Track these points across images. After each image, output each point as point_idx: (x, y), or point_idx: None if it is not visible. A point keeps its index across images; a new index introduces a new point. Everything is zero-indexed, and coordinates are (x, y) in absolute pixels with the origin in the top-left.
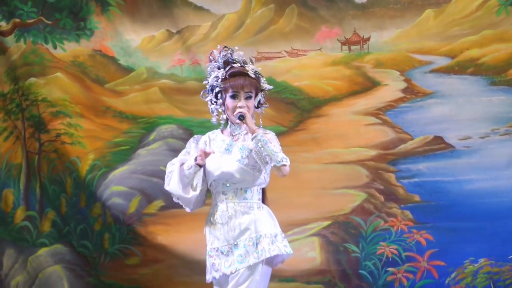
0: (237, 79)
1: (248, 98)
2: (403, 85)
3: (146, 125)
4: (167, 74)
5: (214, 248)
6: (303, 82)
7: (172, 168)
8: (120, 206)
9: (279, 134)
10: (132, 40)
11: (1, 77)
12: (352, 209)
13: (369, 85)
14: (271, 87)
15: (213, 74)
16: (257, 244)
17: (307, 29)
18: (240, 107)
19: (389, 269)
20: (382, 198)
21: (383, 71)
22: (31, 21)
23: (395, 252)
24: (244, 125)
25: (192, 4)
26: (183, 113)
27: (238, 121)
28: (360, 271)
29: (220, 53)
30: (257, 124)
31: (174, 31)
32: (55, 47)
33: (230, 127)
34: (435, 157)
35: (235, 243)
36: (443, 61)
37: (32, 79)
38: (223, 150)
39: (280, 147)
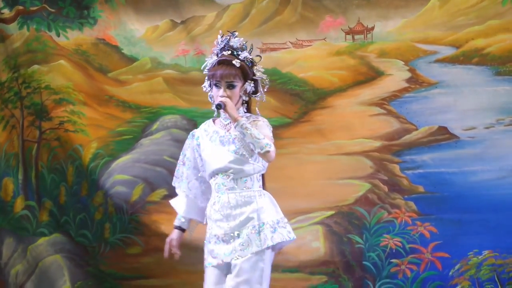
0: (219, 68)
1: (230, 87)
2: (408, 75)
3: (149, 115)
4: (171, 64)
5: (215, 235)
6: (308, 73)
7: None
8: (123, 195)
9: (284, 126)
10: (136, 29)
11: None
12: (356, 200)
13: (373, 75)
14: (264, 76)
15: (207, 61)
16: (259, 232)
17: (311, 19)
18: (221, 96)
19: (392, 260)
20: (386, 188)
21: (387, 60)
22: (35, 8)
23: (399, 244)
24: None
25: None
26: (186, 104)
27: (216, 110)
28: (364, 262)
29: (221, 38)
30: (253, 112)
31: (179, 21)
32: (58, 35)
33: (221, 116)
34: (440, 148)
35: (238, 232)
36: (448, 51)
37: (35, 67)
38: (217, 142)
39: (270, 133)
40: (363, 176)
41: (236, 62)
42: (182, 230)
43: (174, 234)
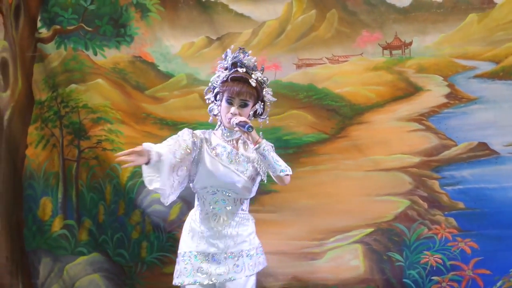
0: (235, 84)
1: (243, 106)
2: (447, 90)
3: None
4: (207, 80)
5: (203, 252)
6: (344, 88)
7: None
8: (161, 213)
9: (320, 142)
10: (171, 46)
11: (39, 85)
12: (395, 216)
13: (412, 90)
14: (274, 99)
15: (217, 74)
16: (251, 256)
17: (347, 34)
18: (232, 113)
19: (433, 277)
20: (425, 205)
21: (426, 76)
22: (72, 27)
23: (440, 261)
24: (237, 130)
25: (232, 11)
26: None
27: (237, 128)
28: (404, 280)
29: (232, 54)
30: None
31: (214, 37)
32: (95, 54)
33: (222, 131)
34: (480, 164)
35: (232, 253)
36: (487, 66)
37: (73, 86)
38: (224, 158)
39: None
40: (402, 193)
41: (253, 82)
42: (148, 157)
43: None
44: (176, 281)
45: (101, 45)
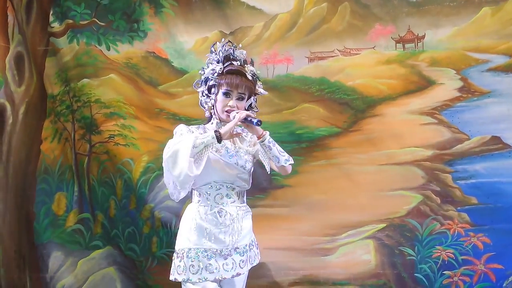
0: (233, 77)
1: (240, 98)
2: (460, 84)
3: None
4: None
5: (210, 249)
6: (356, 81)
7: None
8: (173, 209)
9: (333, 135)
10: (185, 42)
11: (51, 79)
12: (408, 212)
13: (424, 84)
14: (265, 92)
15: (211, 67)
16: (250, 249)
17: (360, 27)
18: (231, 106)
19: (445, 272)
20: (438, 200)
21: (439, 69)
22: (84, 22)
23: (452, 255)
24: (240, 125)
25: (244, 3)
26: None
27: (239, 122)
28: (416, 274)
29: (222, 47)
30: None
31: (227, 32)
32: (108, 49)
33: (218, 125)
34: (493, 158)
35: (236, 246)
36: (500, 60)
37: (85, 80)
38: (224, 153)
39: None
40: (415, 187)
41: (249, 75)
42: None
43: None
44: (178, 277)
45: (114, 40)
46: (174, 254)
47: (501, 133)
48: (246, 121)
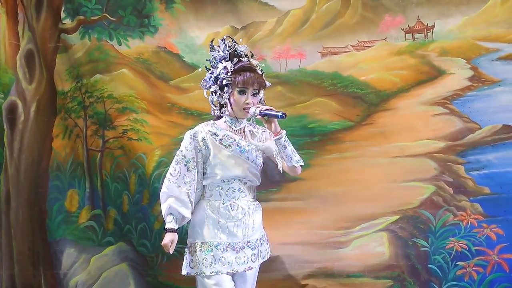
0: (247, 74)
1: (254, 94)
2: (470, 73)
3: None
4: None
5: (224, 243)
6: (369, 75)
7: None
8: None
9: (346, 129)
10: (196, 37)
11: (62, 75)
12: (421, 203)
13: (435, 74)
14: (269, 84)
15: (221, 66)
16: (262, 244)
17: (371, 19)
18: (248, 103)
19: (458, 263)
20: (451, 190)
21: (449, 59)
22: (95, 18)
23: (465, 246)
24: (244, 119)
25: (257, 0)
26: None
27: (259, 117)
28: (430, 265)
29: (224, 43)
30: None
31: (239, 27)
32: (119, 44)
33: (230, 121)
34: (504, 147)
35: (248, 241)
36: (510, 48)
37: (97, 76)
38: (235, 148)
39: None
40: (428, 178)
41: (259, 70)
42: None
43: (175, 236)
44: (191, 271)
45: (125, 35)
46: (186, 249)
47: None
48: (268, 114)
